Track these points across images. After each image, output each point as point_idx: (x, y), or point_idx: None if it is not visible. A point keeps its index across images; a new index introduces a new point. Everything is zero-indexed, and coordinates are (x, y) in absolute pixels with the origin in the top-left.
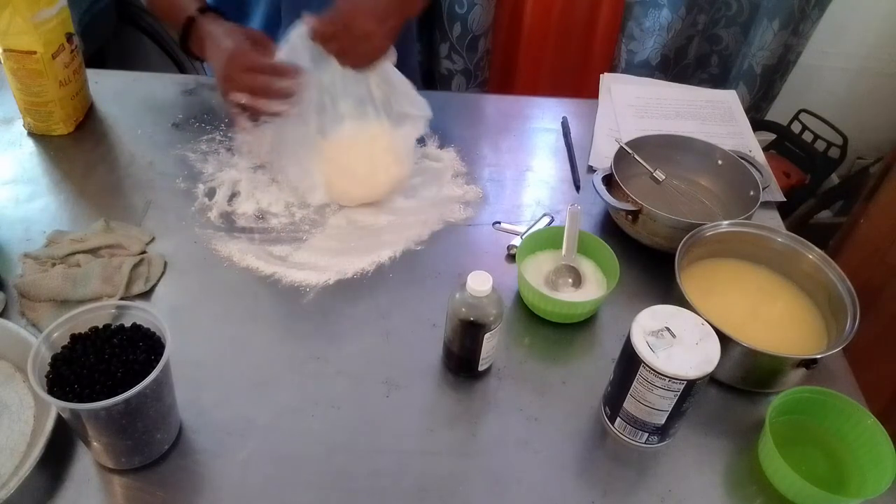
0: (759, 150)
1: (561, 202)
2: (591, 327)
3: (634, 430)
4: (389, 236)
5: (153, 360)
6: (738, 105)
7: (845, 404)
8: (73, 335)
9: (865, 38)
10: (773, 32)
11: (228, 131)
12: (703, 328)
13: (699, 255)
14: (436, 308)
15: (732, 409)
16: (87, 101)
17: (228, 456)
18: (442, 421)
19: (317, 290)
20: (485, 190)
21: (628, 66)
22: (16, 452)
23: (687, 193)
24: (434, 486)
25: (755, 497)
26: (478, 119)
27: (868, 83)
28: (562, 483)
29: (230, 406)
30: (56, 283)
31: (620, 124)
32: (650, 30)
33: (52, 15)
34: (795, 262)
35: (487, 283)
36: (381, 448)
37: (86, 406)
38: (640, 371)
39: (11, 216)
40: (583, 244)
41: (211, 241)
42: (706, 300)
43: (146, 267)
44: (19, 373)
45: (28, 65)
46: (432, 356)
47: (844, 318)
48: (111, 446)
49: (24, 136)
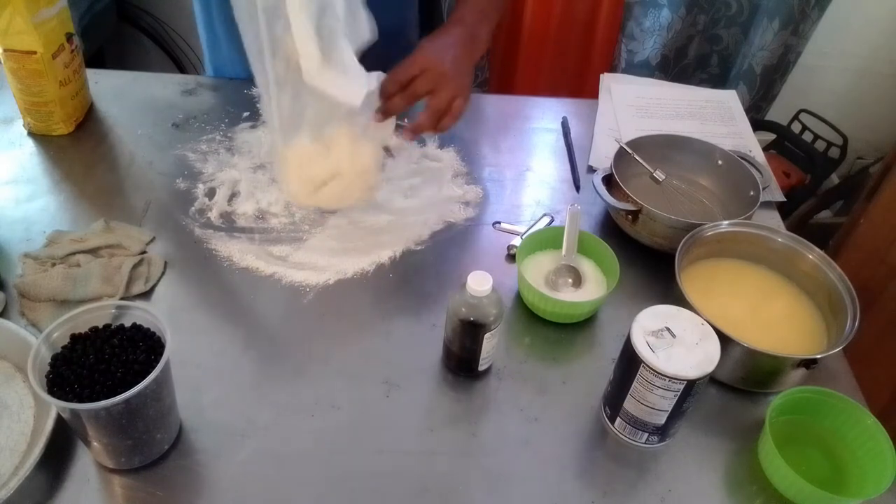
0: (759, 150)
1: (561, 202)
2: (591, 327)
3: (634, 430)
4: (389, 236)
5: (153, 360)
6: (738, 105)
7: (845, 404)
8: (73, 335)
9: (865, 38)
10: (773, 32)
11: (228, 131)
12: (703, 328)
13: (699, 255)
14: (436, 308)
15: (732, 409)
16: (87, 101)
17: (228, 456)
18: (442, 421)
19: (317, 290)
20: (485, 190)
21: (628, 66)
22: (16, 452)
23: (687, 193)
24: (434, 486)
25: (755, 497)
26: (478, 119)
27: (868, 83)
28: (562, 483)
29: (230, 406)
30: (56, 283)
31: (620, 124)
32: (650, 30)
33: (52, 15)
34: (795, 262)
35: (487, 283)
36: (381, 448)
37: (86, 406)
38: (640, 371)
39: (11, 216)
40: (583, 244)
41: (211, 241)
42: (706, 300)
43: (146, 267)
44: (19, 373)
45: (28, 65)
46: (432, 356)
47: (844, 318)
48: (111, 446)
49: (24, 136)
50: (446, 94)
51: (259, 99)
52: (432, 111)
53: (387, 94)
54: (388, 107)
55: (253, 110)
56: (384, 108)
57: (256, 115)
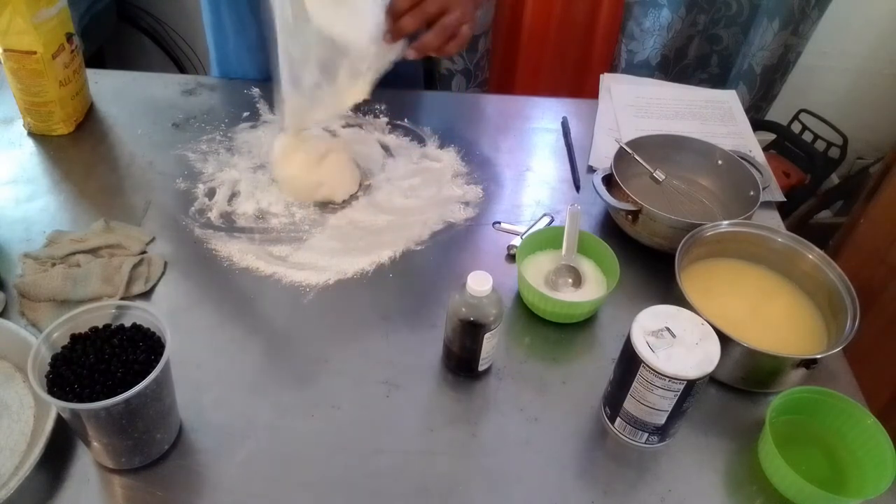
0: (759, 150)
1: (561, 202)
2: (591, 327)
3: (634, 430)
4: (389, 236)
5: (153, 360)
6: (738, 105)
7: (845, 404)
8: (73, 335)
9: (865, 38)
10: (773, 32)
11: (228, 131)
12: (703, 328)
13: (699, 255)
14: (436, 308)
15: (732, 409)
16: (87, 101)
17: (228, 456)
18: (442, 421)
19: (317, 290)
20: (485, 190)
21: (628, 66)
22: (16, 452)
23: (687, 193)
24: (434, 486)
25: (755, 497)
26: (478, 119)
27: (868, 83)
28: (562, 483)
29: (230, 406)
30: (56, 283)
31: (620, 124)
32: (650, 30)
33: (52, 15)
34: (795, 262)
35: (487, 283)
36: (381, 448)
37: (86, 406)
38: (640, 371)
39: (11, 216)
40: (583, 244)
41: (211, 241)
42: (706, 300)
43: (146, 267)
44: (19, 373)
45: (28, 65)
46: (432, 356)
47: (844, 318)
48: (111, 446)
49: (24, 136)
50: (456, 15)
51: (258, 99)
52: (441, 28)
53: (397, 13)
54: (399, 26)
55: (253, 110)
56: (394, 27)
57: (256, 115)
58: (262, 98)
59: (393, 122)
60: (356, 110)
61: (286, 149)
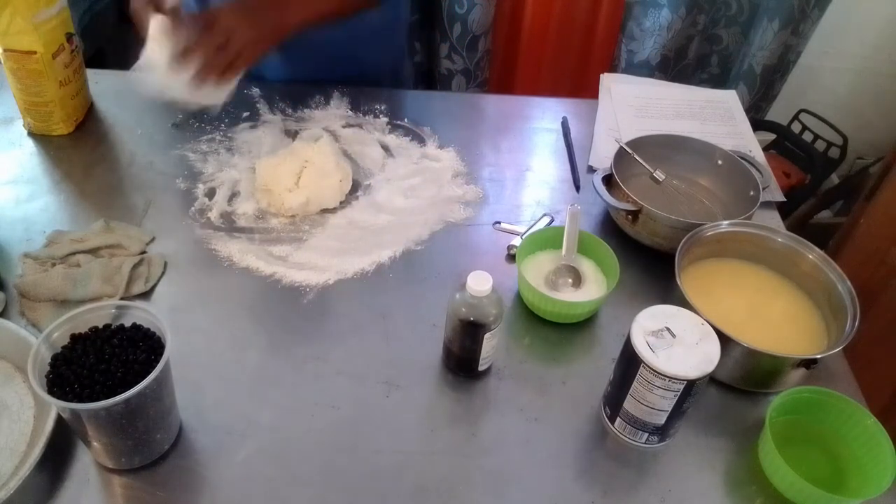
0: (759, 150)
1: (561, 202)
2: (591, 327)
3: (634, 430)
4: (389, 236)
5: (153, 360)
6: (738, 105)
7: (845, 404)
8: (73, 335)
9: (865, 38)
10: (773, 32)
11: (228, 131)
12: (703, 328)
13: (699, 255)
14: (436, 308)
15: (732, 409)
16: (87, 101)
17: (228, 456)
18: (442, 421)
19: (317, 290)
20: (485, 190)
21: (628, 66)
22: (16, 452)
23: (687, 193)
24: (434, 486)
25: (755, 497)
26: (478, 119)
27: (868, 83)
28: (562, 483)
29: (230, 406)
30: (56, 283)
31: (620, 124)
32: (650, 30)
33: (52, 15)
34: (795, 262)
35: (487, 283)
36: (380, 448)
37: (86, 406)
38: (640, 371)
39: (11, 216)
40: (583, 244)
41: (211, 241)
42: (706, 300)
43: (146, 267)
44: (19, 373)
45: (28, 65)
46: (432, 356)
47: (844, 318)
48: (111, 446)
49: (24, 136)
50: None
51: (258, 99)
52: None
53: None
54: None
55: (253, 110)
56: (199, 73)
57: (256, 115)
58: (262, 98)
59: (393, 122)
60: (356, 110)
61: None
